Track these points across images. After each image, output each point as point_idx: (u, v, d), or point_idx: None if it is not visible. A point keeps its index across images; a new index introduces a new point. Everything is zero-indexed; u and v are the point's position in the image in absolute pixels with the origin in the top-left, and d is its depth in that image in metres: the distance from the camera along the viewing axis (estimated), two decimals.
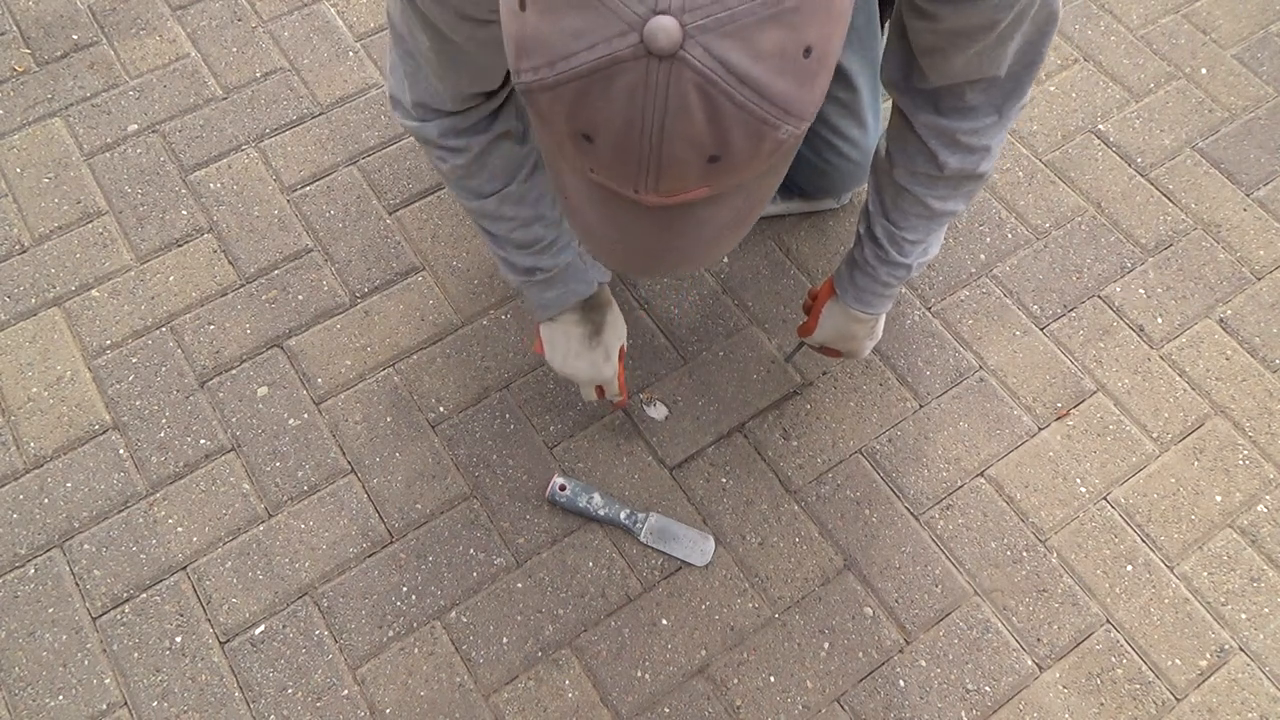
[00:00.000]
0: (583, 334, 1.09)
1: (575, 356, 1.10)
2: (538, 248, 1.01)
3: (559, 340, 1.10)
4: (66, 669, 1.11)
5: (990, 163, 0.94)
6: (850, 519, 1.22)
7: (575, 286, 1.05)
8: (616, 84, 0.47)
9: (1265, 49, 1.62)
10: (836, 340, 1.16)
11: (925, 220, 0.99)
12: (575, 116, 0.50)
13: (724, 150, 0.50)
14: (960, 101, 0.88)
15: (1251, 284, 1.41)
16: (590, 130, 0.50)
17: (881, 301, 1.08)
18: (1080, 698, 1.13)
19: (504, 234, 1.00)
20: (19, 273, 1.36)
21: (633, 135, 0.49)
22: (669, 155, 0.50)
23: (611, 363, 1.11)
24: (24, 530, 1.19)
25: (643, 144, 0.49)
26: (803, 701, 1.12)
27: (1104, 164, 1.51)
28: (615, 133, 0.49)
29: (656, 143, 0.49)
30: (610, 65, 0.46)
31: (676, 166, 0.51)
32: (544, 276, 1.03)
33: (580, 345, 1.09)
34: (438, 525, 1.20)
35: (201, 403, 1.27)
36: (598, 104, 0.48)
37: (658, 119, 0.48)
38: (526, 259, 1.02)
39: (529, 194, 0.98)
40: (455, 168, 0.93)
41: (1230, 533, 1.23)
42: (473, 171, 0.94)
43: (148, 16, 1.59)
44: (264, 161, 1.46)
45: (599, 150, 0.51)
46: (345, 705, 1.10)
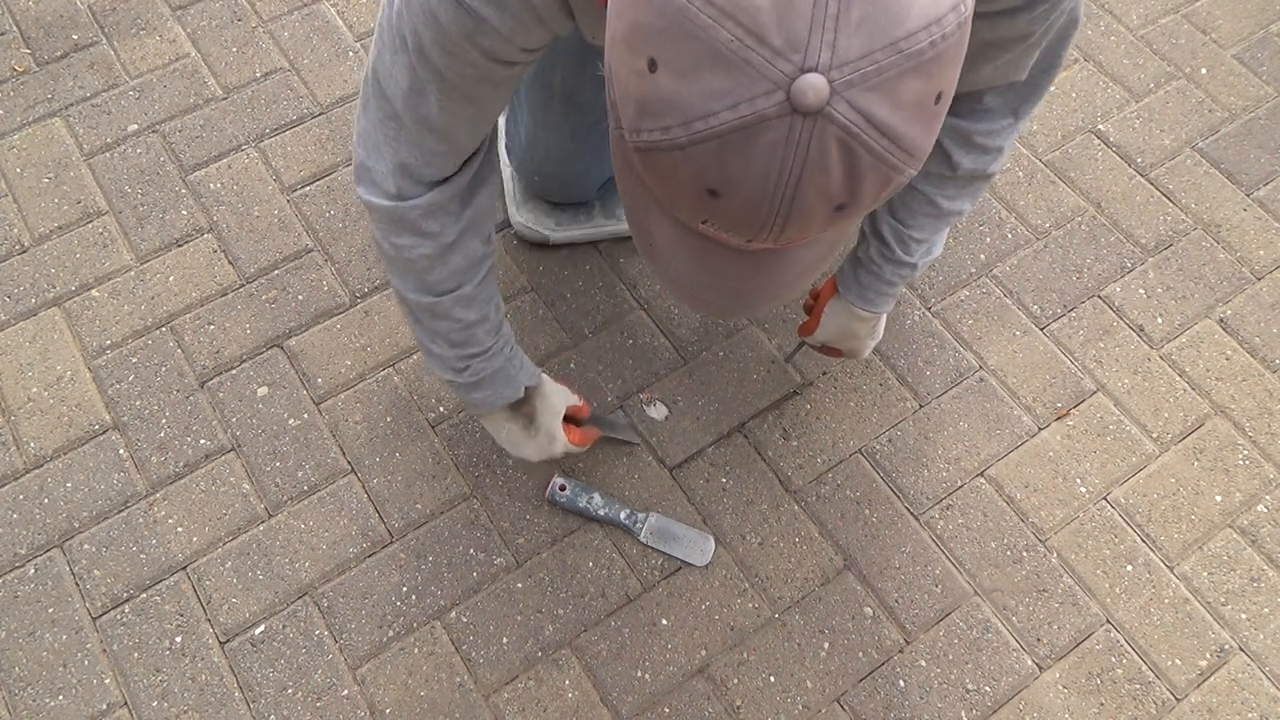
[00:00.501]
0: (517, 428, 1.09)
1: (519, 446, 1.10)
2: (473, 350, 0.99)
3: (500, 432, 1.10)
4: (66, 669, 1.11)
5: (1001, 163, 0.95)
6: (850, 519, 1.22)
7: (503, 391, 1.04)
8: (758, 142, 0.47)
9: (1265, 49, 1.62)
10: (838, 339, 1.16)
11: (933, 219, 0.99)
12: (705, 174, 0.49)
13: (853, 198, 0.50)
14: (978, 104, 0.89)
15: (1251, 284, 1.41)
16: (720, 186, 0.50)
17: (885, 300, 1.08)
18: (1080, 698, 1.13)
19: (443, 332, 0.98)
20: (19, 273, 1.36)
21: (766, 190, 0.49)
22: (799, 208, 0.50)
23: (557, 440, 1.11)
24: (24, 530, 1.19)
25: (775, 198, 0.49)
26: (803, 701, 1.12)
27: (1104, 164, 1.51)
28: (749, 188, 0.49)
29: (790, 196, 0.49)
30: (755, 123, 0.46)
31: (804, 218, 0.51)
32: (473, 379, 1.02)
33: (520, 436, 1.09)
34: (438, 525, 1.20)
35: (201, 403, 1.27)
36: (734, 162, 0.48)
37: (795, 173, 0.48)
38: (459, 361, 1.00)
39: (479, 296, 0.96)
40: (421, 257, 0.89)
41: (1230, 533, 1.23)
42: (435, 265, 0.91)
43: (148, 16, 1.59)
44: (264, 161, 1.46)
45: (724, 205, 0.51)
46: (345, 705, 1.10)
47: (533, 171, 1.28)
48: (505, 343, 1.03)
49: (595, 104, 1.19)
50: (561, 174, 1.28)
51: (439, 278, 0.92)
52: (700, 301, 0.65)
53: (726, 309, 0.66)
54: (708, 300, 0.64)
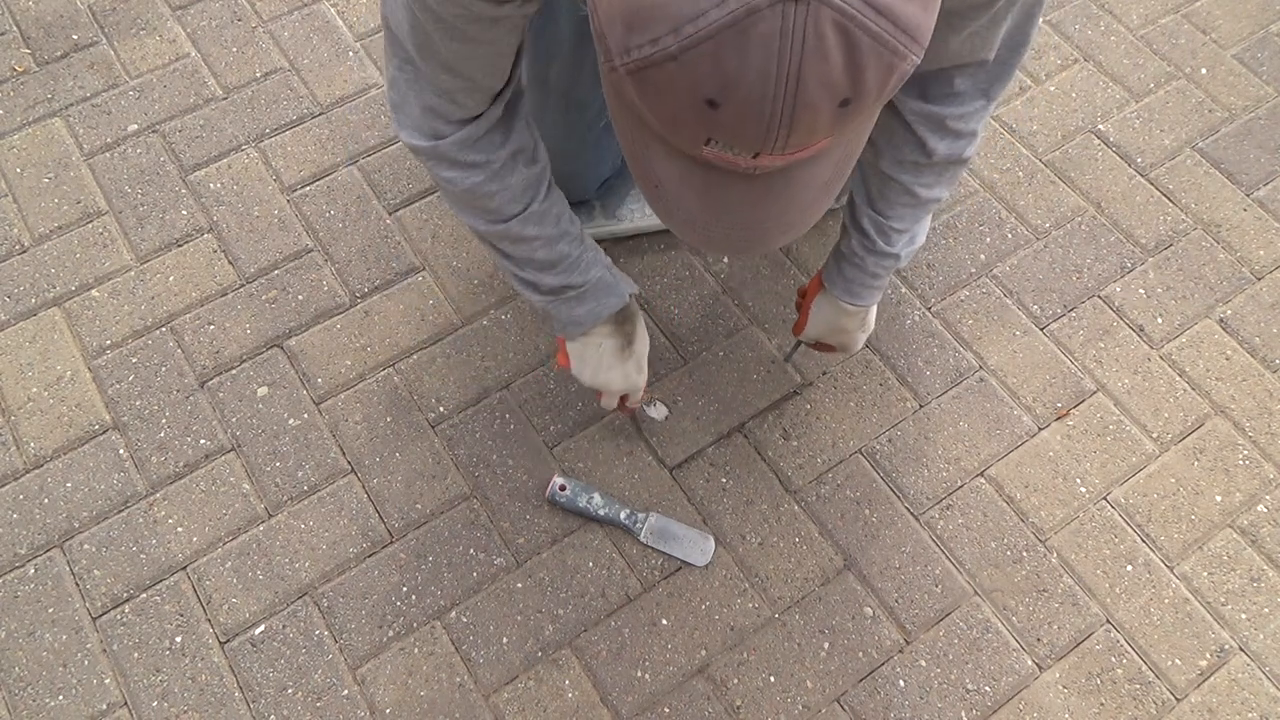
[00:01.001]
0: (615, 346, 1.07)
1: (608, 369, 1.08)
2: (564, 264, 0.98)
3: (590, 355, 1.07)
4: (66, 669, 1.11)
5: (975, 147, 0.95)
6: (850, 519, 1.22)
7: (607, 300, 1.03)
8: (752, 36, 0.46)
9: (1265, 49, 1.62)
10: (828, 334, 1.16)
11: (912, 209, 1.00)
12: (703, 82, 0.48)
13: (857, 90, 0.49)
14: (949, 87, 0.88)
15: (1251, 284, 1.41)
16: (719, 94, 0.48)
17: (870, 293, 1.08)
18: (1080, 698, 1.13)
19: (527, 255, 0.97)
20: (19, 273, 1.36)
21: (768, 88, 0.47)
22: (804, 103, 0.48)
23: (644, 372, 1.10)
24: (24, 530, 1.19)
25: (778, 96, 0.48)
26: (803, 701, 1.12)
27: (1104, 164, 1.51)
28: (748, 89, 0.48)
29: (792, 91, 0.48)
30: (746, 16, 0.45)
31: (810, 115, 0.49)
32: (574, 294, 1.01)
33: (613, 358, 1.07)
34: (438, 525, 1.20)
35: (201, 403, 1.27)
36: (730, 61, 0.47)
37: (795, 65, 0.47)
38: (554, 278, 0.99)
39: (549, 211, 0.96)
40: (475, 185, 0.90)
41: (1230, 533, 1.23)
42: (493, 190, 0.90)
43: (148, 16, 1.59)
44: (264, 161, 1.46)
45: (726, 114, 0.49)
46: (345, 705, 1.10)
47: None
48: (596, 252, 1.01)
49: (593, 101, 1.19)
50: (560, 172, 1.27)
51: (500, 203, 0.92)
52: (714, 241, 0.64)
53: (742, 245, 0.64)
54: (722, 239, 0.63)
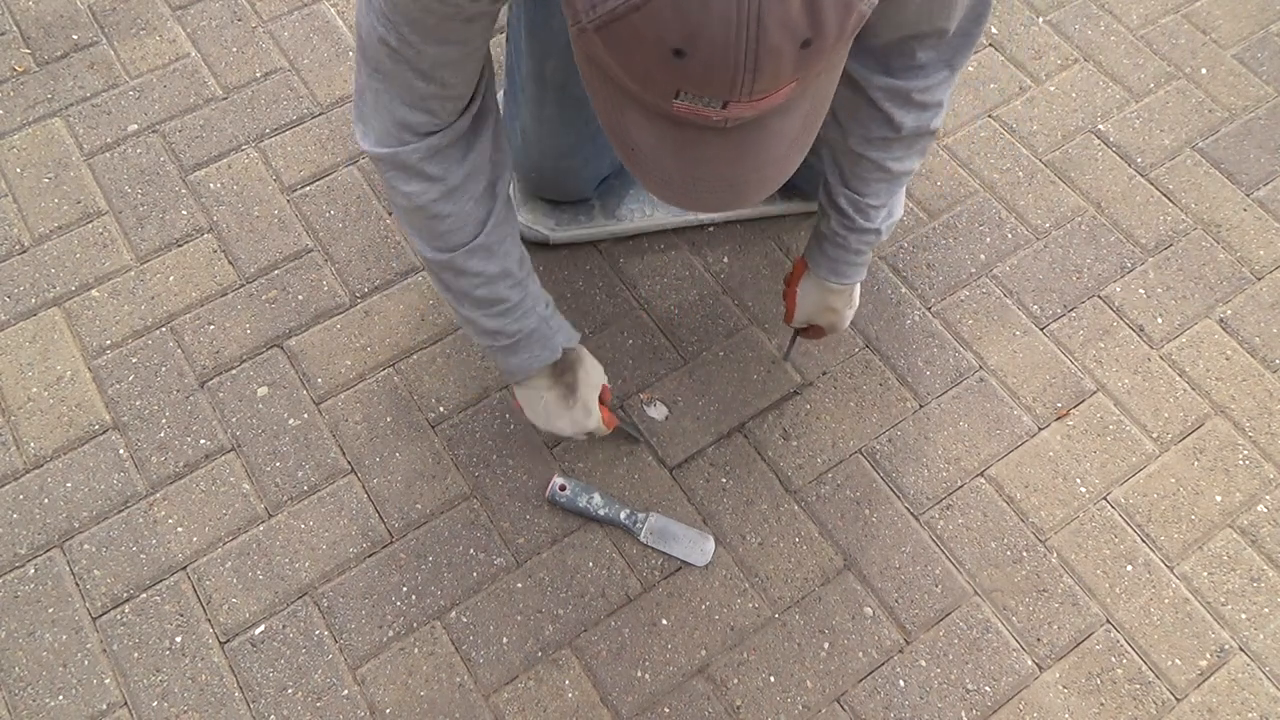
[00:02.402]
0: (556, 397, 1.07)
1: (555, 417, 1.08)
2: (501, 308, 0.98)
3: (534, 403, 1.08)
4: (66, 669, 1.11)
5: (941, 118, 0.96)
6: (850, 519, 1.22)
7: (540, 353, 1.03)
8: None
9: (1265, 49, 1.62)
10: (816, 315, 1.16)
11: (886, 183, 1.01)
12: (667, 31, 0.49)
13: (816, 30, 0.50)
14: (911, 60, 0.89)
15: (1251, 284, 1.41)
16: (685, 42, 0.50)
17: (854, 270, 1.09)
18: (1080, 698, 1.13)
19: (468, 291, 0.97)
20: (19, 273, 1.36)
21: (730, 33, 0.49)
22: (766, 47, 0.50)
23: (593, 415, 1.10)
24: (24, 530, 1.19)
25: (741, 40, 0.49)
26: (803, 701, 1.12)
27: (1104, 164, 1.51)
28: (713, 34, 0.49)
29: (754, 34, 0.49)
30: None
31: (773, 58, 0.51)
32: (508, 342, 1.01)
33: (557, 406, 1.08)
34: (438, 525, 1.20)
35: (201, 403, 1.27)
36: (692, 8, 0.48)
37: (754, 8, 0.48)
38: (489, 320, 0.99)
39: (497, 247, 0.95)
40: (428, 203, 0.89)
41: (1230, 533, 1.23)
42: (445, 211, 0.90)
43: (148, 16, 1.59)
44: (264, 161, 1.46)
45: (693, 62, 0.51)
46: (345, 705, 1.10)
47: (530, 168, 1.28)
48: (536, 301, 1.01)
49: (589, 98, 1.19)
50: (559, 169, 1.28)
51: (449, 227, 0.91)
52: (692, 199, 0.65)
53: (719, 201, 0.65)
54: (699, 196, 0.64)
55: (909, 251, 1.42)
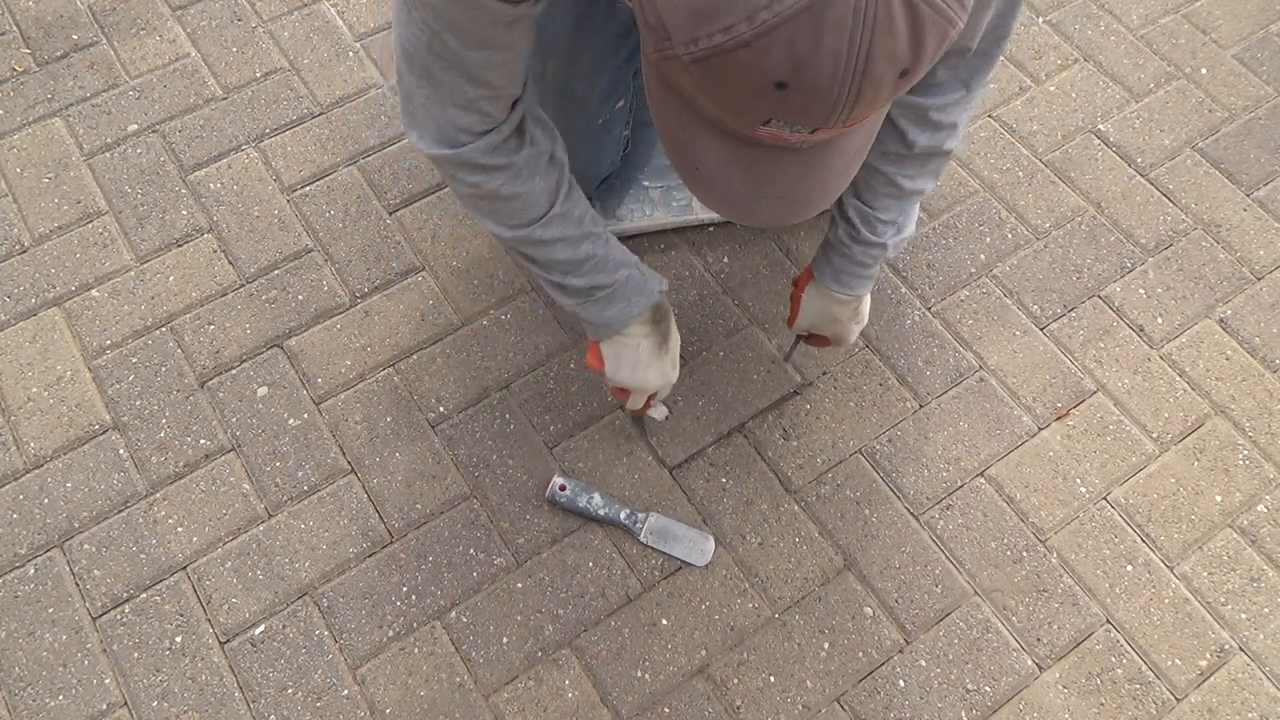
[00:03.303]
0: (652, 345, 1.05)
1: (645, 368, 1.06)
2: (589, 265, 0.98)
3: (626, 355, 1.05)
4: (66, 669, 1.11)
5: (956, 140, 0.96)
6: (850, 519, 1.22)
7: (638, 299, 1.02)
8: (827, 17, 0.47)
9: (1265, 49, 1.62)
10: (820, 324, 1.15)
11: (896, 200, 1.00)
12: (775, 66, 0.49)
13: (916, 60, 0.50)
14: (930, 78, 0.89)
15: (1251, 284, 1.41)
16: (789, 76, 0.49)
17: (859, 282, 1.08)
18: (1080, 698, 1.13)
19: (550, 258, 0.97)
20: (19, 273, 1.36)
21: (838, 68, 0.49)
22: (870, 79, 0.50)
23: (678, 368, 1.09)
24: (24, 530, 1.19)
25: (847, 74, 0.49)
26: (803, 701, 1.12)
27: (1104, 164, 1.51)
28: (820, 70, 0.49)
29: (861, 69, 0.49)
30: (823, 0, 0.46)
31: (874, 89, 0.51)
32: (604, 294, 1.00)
33: (650, 356, 1.06)
34: (438, 525, 1.20)
35: (201, 403, 1.27)
36: (803, 45, 0.48)
37: (866, 43, 0.48)
38: (580, 280, 0.99)
39: (571, 213, 0.95)
40: (497, 189, 0.90)
41: (1230, 533, 1.23)
42: (516, 192, 0.90)
43: (148, 16, 1.59)
44: (264, 161, 1.46)
45: (794, 94, 0.50)
46: (345, 705, 1.10)
47: None
48: (620, 250, 1.01)
49: (590, 97, 1.19)
50: None
51: (522, 206, 0.92)
52: (752, 213, 0.65)
53: (779, 216, 0.65)
54: (761, 211, 0.64)
55: (909, 251, 1.42)
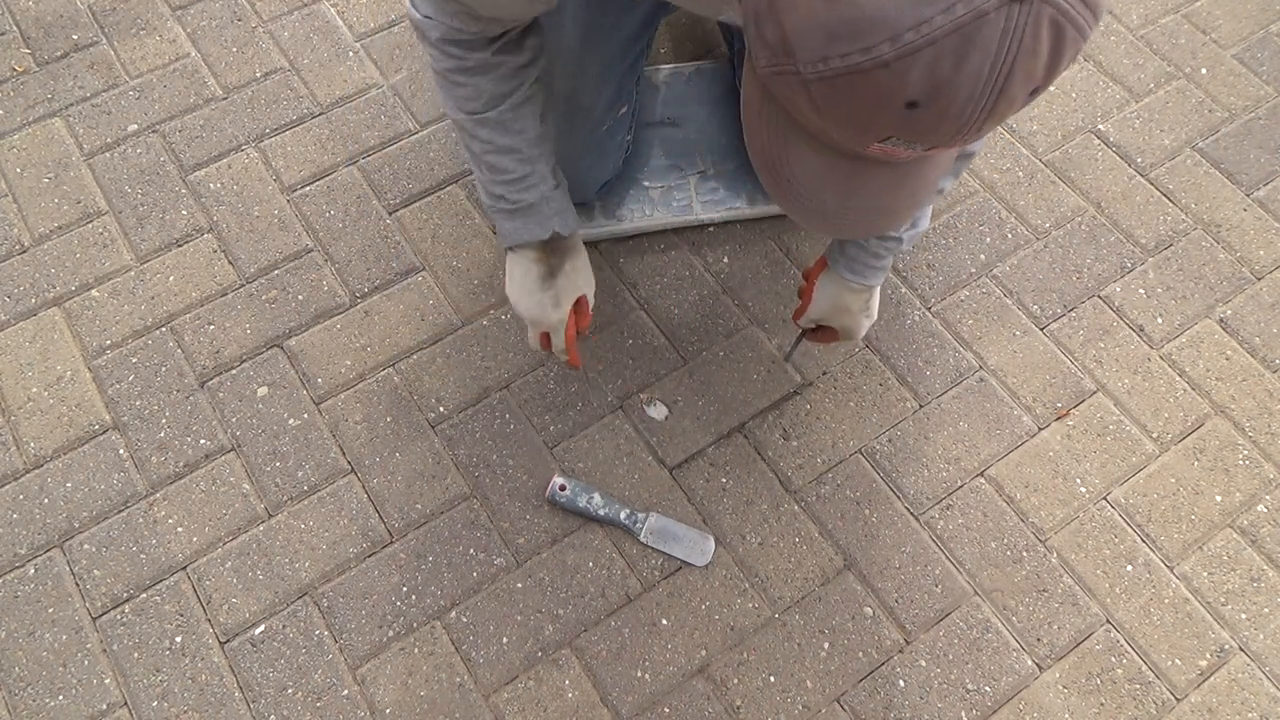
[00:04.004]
0: (539, 273, 1.08)
1: (526, 293, 1.09)
2: (505, 178, 1.01)
3: (516, 273, 1.09)
4: (66, 669, 1.11)
5: (981, 141, 0.95)
6: (850, 519, 1.22)
7: (531, 227, 1.04)
8: (975, 40, 0.46)
9: (1265, 49, 1.62)
10: (831, 314, 1.15)
11: None
12: (910, 87, 0.48)
13: (1048, 79, 0.49)
14: None
15: (1251, 284, 1.41)
16: (924, 97, 0.48)
17: (872, 272, 1.09)
18: (1080, 698, 1.13)
19: (479, 153, 1.00)
20: (19, 273, 1.36)
21: (975, 89, 0.48)
22: (1005, 98, 0.49)
23: (560, 311, 1.09)
24: (24, 530, 1.19)
25: (983, 95, 0.48)
26: (803, 701, 1.12)
27: (1104, 164, 1.51)
28: (957, 91, 0.48)
29: (999, 89, 0.48)
30: (972, 21, 0.45)
31: (1005, 107, 0.50)
32: (508, 207, 1.03)
33: (533, 283, 1.08)
34: (438, 525, 1.20)
35: (201, 403, 1.27)
36: (946, 67, 0.47)
37: (1008, 65, 0.47)
38: (495, 186, 1.02)
39: (510, 124, 0.98)
40: (445, 69, 0.93)
41: (1230, 533, 1.23)
42: (460, 81, 0.94)
43: (148, 16, 1.59)
44: (264, 161, 1.46)
45: (925, 114, 0.49)
46: (345, 705, 1.10)
47: None
48: (541, 179, 1.03)
49: (596, 106, 1.19)
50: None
51: (466, 95, 0.95)
52: (840, 225, 0.64)
53: (868, 227, 0.64)
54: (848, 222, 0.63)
55: (909, 251, 1.42)
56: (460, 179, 1.45)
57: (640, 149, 1.40)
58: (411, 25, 0.94)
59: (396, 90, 1.52)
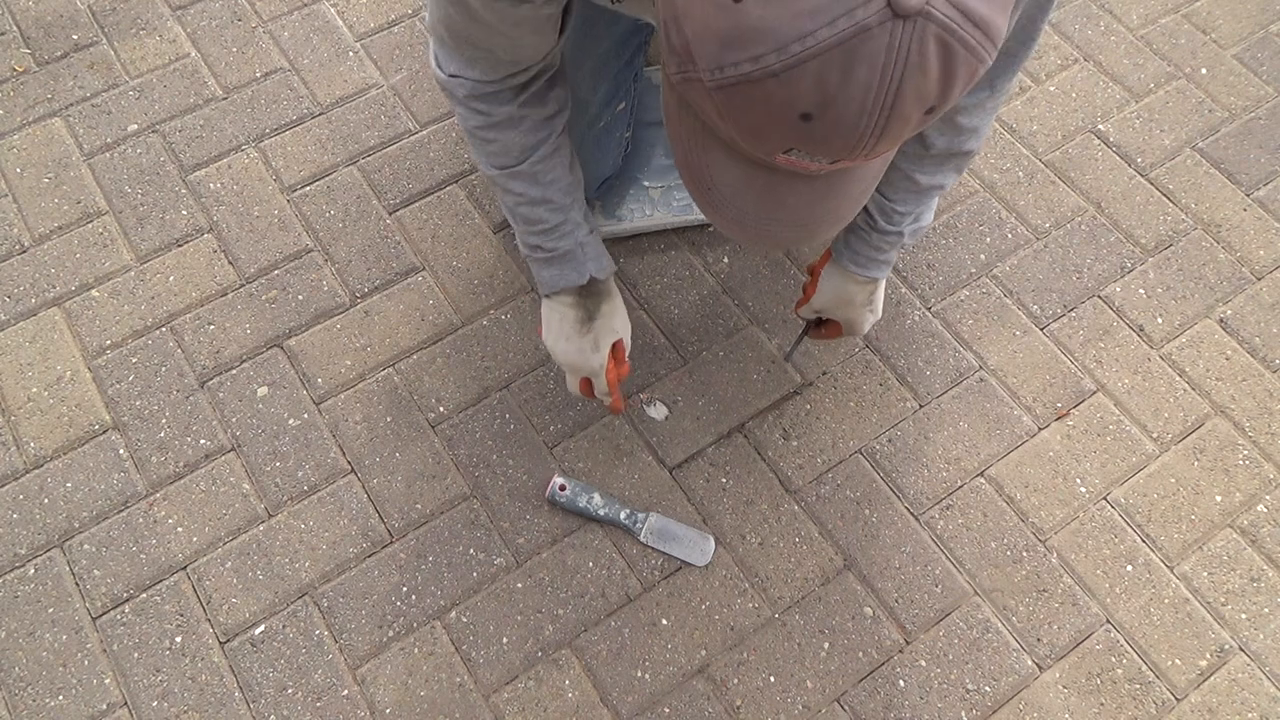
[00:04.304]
0: (576, 318, 1.08)
1: (564, 339, 1.09)
2: (541, 228, 1.02)
3: (553, 320, 1.09)
4: (66, 669, 1.11)
5: (977, 142, 0.95)
6: (850, 519, 1.22)
7: (568, 274, 1.05)
8: (859, 54, 0.46)
9: (1265, 49, 1.62)
10: (835, 306, 1.16)
11: (914, 194, 1.01)
12: (802, 98, 0.48)
13: (943, 98, 0.50)
14: None
15: (1251, 284, 1.41)
16: (816, 109, 0.49)
17: (876, 266, 1.09)
18: (1080, 698, 1.13)
19: (512, 206, 1.02)
20: (19, 273, 1.36)
21: (866, 104, 0.48)
22: (896, 116, 0.49)
23: (599, 355, 1.09)
24: (24, 530, 1.19)
25: (874, 111, 0.48)
26: (803, 701, 1.12)
27: (1104, 164, 1.51)
28: (847, 105, 0.48)
29: (889, 105, 0.48)
30: (855, 35, 0.46)
31: (900, 126, 0.50)
32: (544, 256, 1.04)
33: (571, 329, 1.08)
34: (438, 525, 1.20)
35: (201, 403, 1.27)
36: (833, 80, 0.47)
37: (895, 81, 0.47)
38: (530, 236, 1.03)
39: (541, 176, 0.99)
40: (474, 128, 0.95)
41: (1230, 533, 1.23)
42: (489, 138, 0.95)
43: (148, 16, 1.59)
44: (264, 161, 1.46)
45: (818, 126, 0.50)
46: (345, 705, 1.10)
47: None
48: (575, 227, 1.04)
49: (592, 101, 1.19)
50: None
51: (494, 151, 0.96)
52: (763, 236, 0.64)
53: (789, 240, 0.65)
54: (771, 234, 0.64)
55: (909, 251, 1.42)
56: (460, 179, 1.45)
57: (640, 148, 1.40)
58: (438, 86, 0.95)
59: (396, 90, 1.52)
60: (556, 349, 1.10)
